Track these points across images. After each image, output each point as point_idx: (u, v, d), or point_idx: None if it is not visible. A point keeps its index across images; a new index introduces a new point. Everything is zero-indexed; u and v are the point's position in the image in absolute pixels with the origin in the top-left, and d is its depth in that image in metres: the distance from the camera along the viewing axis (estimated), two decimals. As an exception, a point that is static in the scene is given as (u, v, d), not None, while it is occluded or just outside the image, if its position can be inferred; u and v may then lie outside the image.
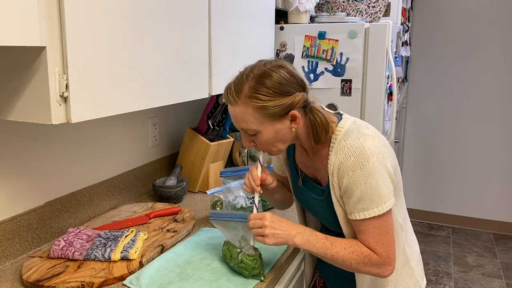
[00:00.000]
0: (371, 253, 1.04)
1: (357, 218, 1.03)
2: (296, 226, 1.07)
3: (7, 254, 1.24)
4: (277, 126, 1.04)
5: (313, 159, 1.14)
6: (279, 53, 2.07)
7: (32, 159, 1.32)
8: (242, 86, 1.03)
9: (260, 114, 1.02)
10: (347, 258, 1.03)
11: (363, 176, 1.00)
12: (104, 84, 1.05)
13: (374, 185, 1.01)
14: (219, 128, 1.91)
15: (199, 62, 1.44)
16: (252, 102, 1.01)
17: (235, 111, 1.05)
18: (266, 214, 1.07)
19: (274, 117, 1.03)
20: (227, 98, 1.06)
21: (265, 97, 1.01)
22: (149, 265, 1.20)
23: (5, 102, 0.98)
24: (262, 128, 1.04)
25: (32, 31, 0.86)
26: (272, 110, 1.02)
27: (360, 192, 1.01)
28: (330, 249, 1.04)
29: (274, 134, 1.05)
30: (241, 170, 1.67)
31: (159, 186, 1.69)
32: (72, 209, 1.45)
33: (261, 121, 1.03)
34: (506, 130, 3.69)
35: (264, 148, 1.10)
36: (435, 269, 3.24)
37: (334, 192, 1.07)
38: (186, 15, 1.34)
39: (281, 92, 1.02)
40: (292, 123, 1.05)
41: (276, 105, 1.01)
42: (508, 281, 3.05)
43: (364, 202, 1.01)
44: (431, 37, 3.79)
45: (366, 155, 1.00)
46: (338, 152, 1.04)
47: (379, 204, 1.02)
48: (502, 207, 3.79)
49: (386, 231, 1.04)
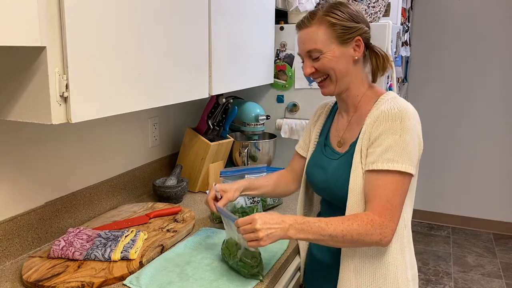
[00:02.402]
0: (373, 217, 1.02)
1: (380, 168, 1.03)
2: (287, 218, 1.03)
3: (7, 254, 1.24)
4: (342, 49, 1.12)
5: (352, 119, 1.19)
6: (279, 53, 2.07)
7: (32, 159, 1.32)
8: (316, 11, 1.15)
9: (330, 33, 1.11)
10: (347, 231, 1.01)
11: (401, 128, 1.04)
12: (104, 84, 1.05)
13: (408, 141, 1.04)
14: (219, 128, 1.91)
15: (199, 62, 1.44)
16: (327, 18, 1.12)
17: (306, 32, 1.14)
18: (255, 217, 1.03)
19: (342, 38, 1.12)
20: (300, 24, 1.17)
21: (339, 16, 1.12)
22: (149, 265, 1.20)
23: (5, 102, 0.98)
24: (328, 49, 1.12)
25: (32, 31, 0.86)
26: (342, 30, 1.12)
27: (392, 141, 1.04)
28: (326, 229, 1.01)
29: (338, 58, 1.12)
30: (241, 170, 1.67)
31: (159, 186, 1.69)
32: (72, 209, 1.46)
33: (330, 41, 1.12)
34: (506, 130, 3.69)
35: (323, 73, 1.15)
36: (435, 269, 3.24)
37: (361, 145, 1.09)
38: (186, 15, 1.34)
39: (352, 18, 1.13)
40: (356, 51, 1.13)
41: (347, 26, 1.12)
42: (508, 281, 3.05)
43: (392, 153, 1.03)
44: (431, 37, 3.79)
45: (409, 114, 1.06)
46: (383, 105, 1.10)
47: (405, 162, 1.03)
48: (502, 207, 3.79)
49: (399, 194, 1.03)
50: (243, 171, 1.66)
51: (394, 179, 1.03)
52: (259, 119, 1.98)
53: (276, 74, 2.09)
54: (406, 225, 1.14)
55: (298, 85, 2.05)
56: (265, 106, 2.13)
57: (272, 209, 1.65)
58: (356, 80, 1.17)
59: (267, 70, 2.00)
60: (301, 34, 1.17)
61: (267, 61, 1.99)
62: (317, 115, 1.35)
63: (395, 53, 2.25)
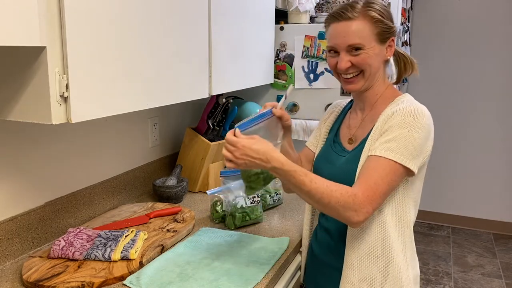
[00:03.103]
0: (357, 193, 1.01)
1: (377, 154, 1.04)
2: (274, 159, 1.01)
3: (7, 254, 1.24)
4: (380, 47, 1.12)
5: (366, 117, 1.19)
6: (279, 53, 2.07)
7: (32, 159, 1.32)
8: (355, 4, 1.11)
9: (374, 29, 1.10)
10: (327, 195, 1.00)
11: (411, 124, 1.05)
12: (104, 84, 1.05)
13: (415, 137, 1.04)
14: (219, 128, 1.91)
15: (199, 62, 1.44)
16: (372, 13, 1.09)
17: (348, 25, 1.10)
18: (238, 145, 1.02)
19: (383, 36, 1.11)
20: (340, 14, 1.11)
21: (382, 13, 1.11)
22: (149, 265, 1.20)
23: (5, 102, 0.98)
24: (370, 45, 1.10)
25: (32, 31, 0.86)
26: (384, 28, 1.11)
27: (398, 134, 1.04)
28: (308, 185, 1.01)
29: (376, 56, 1.12)
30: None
31: (159, 186, 1.69)
32: (72, 209, 1.46)
33: (372, 38, 1.10)
34: (506, 130, 3.69)
35: (358, 68, 1.12)
36: (435, 269, 3.24)
37: (371, 140, 1.10)
38: (186, 15, 1.34)
39: (388, 16, 1.13)
40: (388, 50, 1.14)
41: (388, 25, 1.12)
42: (508, 281, 3.05)
43: (395, 144, 1.04)
44: (431, 37, 3.79)
45: (423, 113, 1.07)
46: (397, 106, 1.11)
47: (405, 155, 1.04)
48: (502, 207, 3.79)
49: (388, 182, 1.03)
50: None
51: (387, 166, 1.03)
52: (259, 119, 1.98)
53: (276, 74, 2.09)
54: (409, 226, 1.14)
55: (298, 85, 2.05)
56: (265, 106, 2.13)
57: (272, 209, 1.65)
58: (380, 79, 1.18)
59: (267, 70, 2.00)
60: (340, 26, 1.11)
61: (267, 61, 1.99)
62: (329, 113, 1.34)
63: (395, 53, 2.25)
